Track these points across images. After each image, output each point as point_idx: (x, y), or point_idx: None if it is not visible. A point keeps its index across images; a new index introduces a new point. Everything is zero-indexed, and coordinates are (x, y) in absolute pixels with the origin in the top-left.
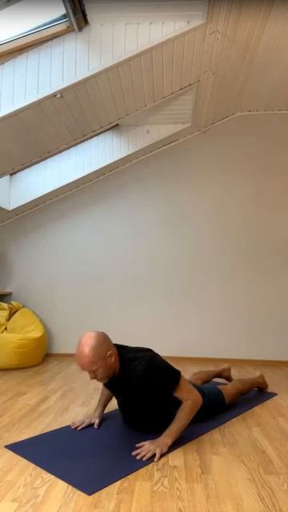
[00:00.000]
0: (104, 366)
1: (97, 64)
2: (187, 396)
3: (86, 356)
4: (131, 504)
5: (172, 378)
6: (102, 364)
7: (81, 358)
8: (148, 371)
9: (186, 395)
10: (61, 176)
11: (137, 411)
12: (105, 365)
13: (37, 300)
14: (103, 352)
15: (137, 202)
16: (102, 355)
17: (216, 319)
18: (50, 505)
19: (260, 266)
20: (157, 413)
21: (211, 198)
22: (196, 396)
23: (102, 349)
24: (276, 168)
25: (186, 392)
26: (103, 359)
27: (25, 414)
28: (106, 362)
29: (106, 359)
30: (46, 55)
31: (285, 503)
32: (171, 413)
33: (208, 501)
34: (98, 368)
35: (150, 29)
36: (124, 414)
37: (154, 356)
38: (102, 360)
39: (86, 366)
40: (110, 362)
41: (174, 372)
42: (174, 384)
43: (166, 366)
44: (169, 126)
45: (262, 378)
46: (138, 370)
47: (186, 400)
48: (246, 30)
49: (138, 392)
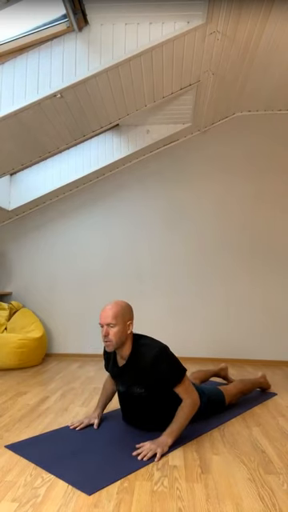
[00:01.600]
0: (121, 327)
1: (97, 64)
2: (188, 395)
3: (111, 308)
4: (131, 504)
5: (178, 372)
6: (121, 323)
7: (105, 311)
8: (158, 358)
9: (187, 394)
10: (61, 176)
11: (137, 405)
12: (122, 327)
13: (37, 300)
14: (126, 315)
15: (137, 202)
16: (125, 317)
17: (216, 319)
18: (50, 505)
19: (260, 265)
20: (156, 409)
21: (211, 198)
22: (196, 398)
23: (126, 312)
24: (276, 168)
25: (187, 391)
26: (123, 322)
27: (25, 414)
28: (125, 326)
29: (125, 323)
30: (45, 55)
31: (285, 503)
32: (170, 411)
33: (208, 501)
34: (116, 325)
35: (150, 29)
36: (124, 409)
37: (166, 347)
38: (122, 320)
39: (108, 317)
40: (126, 331)
41: (181, 367)
42: (179, 378)
43: (176, 360)
44: (169, 126)
45: (264, 378)
46: (149, 354)
47: (185, 399)
48: (245, 30)
49: (142, 378)
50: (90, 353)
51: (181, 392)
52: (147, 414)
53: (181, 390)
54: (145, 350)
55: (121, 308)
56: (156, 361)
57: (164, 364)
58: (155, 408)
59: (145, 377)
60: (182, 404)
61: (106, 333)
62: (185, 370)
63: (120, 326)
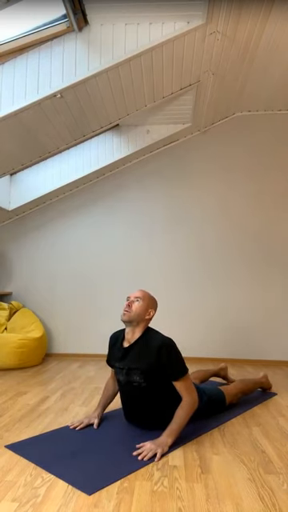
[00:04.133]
0: (144, 307)
1: (97, 64)
2: (188, 393)
3: (142, 290)
4: (131, 504)
5: (182, 366)
6: (144, 305)
7: (137, 290)
8: (164, 347)
9: (187, 392)
10: (61, 176)
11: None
12: (144, 308)
13: (37, 300)
14: (151, 304)
15: (137, 202)
16: (149, 303)
17: (216, 319)
18: (50, 505)
19: (261, 265)
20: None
21: (211, 198)
22: (196, 397)
23: (152, 300)
24: (276, 168)
25: (187, 389)
26: (147, 305)
27: (25, 414)
28: (146, 310)
29: (147, 308)
30: (46, 55)
31: (285, 503)
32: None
33: (208, 501)
34: (141, 302)
35: (150, 29)
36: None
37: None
38: (147, 303)
39: (138, 293)
40: (145, 313)
41: (184, 364)
42: (182, 373)
43: (181, 356)
44: (169, 126)
45: (265, 378)
46: (156, 342)
47: (185, 396)
48: (246, 30)
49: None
50: (90, 353)
51: (181, 388)
52: (147, 408)
53: (182, 386)
54: (153, 337)
55: (149, 295)
56: (162, 349)
57: (170, 354)
58: (154, 401)
59: (147, 361)
60: (182, 403)
61: (130, 303)
62: (187, 369)
63: (143, 306)
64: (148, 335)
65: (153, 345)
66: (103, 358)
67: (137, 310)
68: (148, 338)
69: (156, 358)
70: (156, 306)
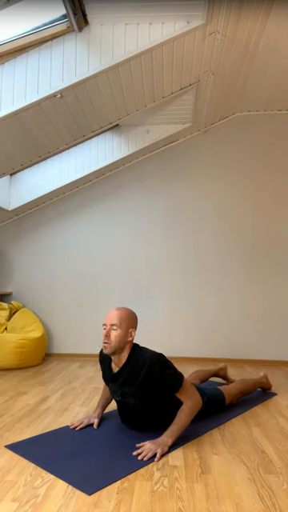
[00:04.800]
0: (123, 332)
1: (97, 64)
2: (189, 397)
3: (118, 311)
4: (131, 504)
5: (177, 377)
6: (123, 328)
7: (112, 312)
8: (155, 366)
9: (189, 397)
10: (61, 176)
11: (134, 415)
12: (124, 333)
13: (37, 300)
14: (130, 323)
15: (137, 202)
16: (129, 323)
17: (216, 319)
18: (50, 505)
19: (261, 265)
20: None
21: (211, 198)
22: (197, 398)
23: (131, 319)
24: (276, 168)
25: (188, 394)
26: (127, 327)
27: (25, 414)
28: (127, 332)
29: (128, 330)
30: (46, 55)
31: (285, 503)
32: (167, 419)
33: (208, 501)
34: (119, 328)
35: (150, 29)
36: (122, 417)
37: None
38: (126, 325)
39: (114, 318)
40: (127, 337)
41: (178, 373)
42: (179, 384)
43: (173, 367)
44: (169, 126)
45: (265, 378)
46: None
47: (187, 401)
48: (245, 30)
49: (135, 387)
50: (90, 353)
51: (183, 396)
52: (145, 424)
53: (183, 394)
54: (141, 357)
55: (127, 314)
56: (152, 368)
57: (162, 370)
58: (152, 416)
59: (139, 384)
60: (184, 405)
61: (107, 333)
62: (183, 376)
63: (122, 330)
64: (135, 356)
65: (142, 365)
66: None
67: (117, 339)
68: (136, 359)
69: (148, 378)
70: (136, 322)
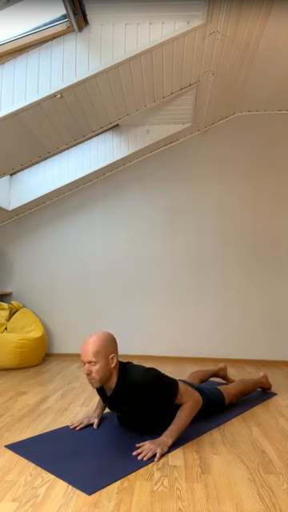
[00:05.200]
0: (103, 363)
1: (97, 64)
2: (188, 399)
3: (91, 344)
4: (131, 504)
5: (172, 388)
6: (102, 359)
7: (85, 346)
8: (149, 386)
9: (187, 398)
10: (61, 176)
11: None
12: (105, 363)
13: (37, 300)
14: (108, 349)
15: (137, 202)
16: (106, 351)
17: (216, 319)
18: (50, 504)
19: (261, 265)
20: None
21: (211, 198)
22: (196, 397)
23: (108, 345)
24: (276, 168)
25: (185, 397)
26: (105, 356)
27: (25, 414)
28: (107, 361)
29: (107, 358)
30: (46, 55)
31: (285, 503)
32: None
33: (208, 501)
34: (98, 362)
35: (150, 29)
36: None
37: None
38: (104, 356)
39: (88, 354)
40: (109, 365)
41: (171, 382)
42: (174, 393)
43: (164, 379)
44: (169, 126)
45: (265, 378)
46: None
47: (186, 402)
48: (245, 30)
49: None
50: None
51: (181, 400)
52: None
53: (181, 399)
54: (132, 378)
55: (102, 342)
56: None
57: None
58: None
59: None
60: (183, 406)
61: (88, 371)
62: (175, 382)
63: (102, 363)
64: (125, 379)
65: (135, 388)
66: None
67: (99, 373)
68: (127, 383)
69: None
70: (114, 344)
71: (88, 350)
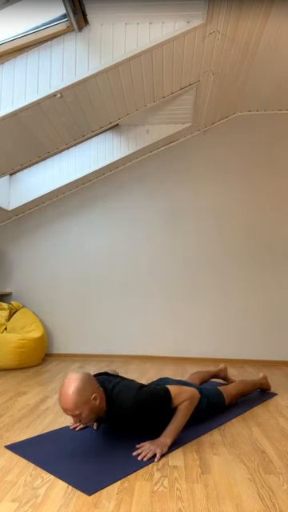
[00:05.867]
0: (88, 409)
1: (97, 64)
2: (183, 398)
3: (69, 399)
4: (131, 504)
5: (164, 398)
6: (86, 408)
7: (64, 401)
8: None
9: (182, 398)
10: (61, 176)
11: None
12: (89, 408)
13: (37, 300)
14: (87, 395)
15: (137, 202)
16: (86, 398)
17: (216, 319)
18: (50, 505)
19: (260, 265)
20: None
21: (211, 198)
22: (190, 393)
23: (86, 392)
24: (276, 168)
25: (180, 396)
26: (87, 403)
27: (25, 414)
28: (91, 405)
29: (90, 402)
30: (45, 55)
31: (285, 503)
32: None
33: (208, 501)
34: (82, 412)
35: (150, 29)
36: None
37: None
38: (86, 404)
39: (70, 410)
40: (95, 405)
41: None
42: (169, 402)
43: (154, 392)
44: (169, 126)
45: (265, 379)
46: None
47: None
48: (245, 29)
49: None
50: (91, 353)
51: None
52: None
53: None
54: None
55: (78, 392)
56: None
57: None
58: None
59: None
60: (180, 406)
61: (76, 421)
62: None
63: (87, 409)
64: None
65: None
66: (103, 358)
67: (88, 418)
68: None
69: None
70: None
71: (67, 404)
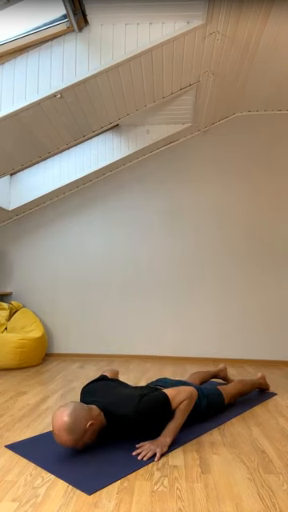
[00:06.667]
0: (88, 437)
1: (97, 64)
2: (181, 398)
3: (66, 441)
4: (131, 504)
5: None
6: (85, 437)
7: (62, 442)
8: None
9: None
10: (61, 176)
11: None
12: (88, 436)
13: (37, 300)
14: (82, 427)
15: (137, 202)
16: (82, 430)
17: (216, 319)
18: (50, 504)
19: (260, 266)
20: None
21: (211, 198)
22: (188, 392)
23: (80, 425)
24: (276, 168)
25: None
26: (84, 433)
27: (25, 414)
28: (89, 432)
29: (87, 431)
30: (46, 55)
31: (285, 503)
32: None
33: (208, 501)
34: (80, 440)
35: (150, 29)
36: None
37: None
38: (83, 435)
39: (68, 444)
40: (94, 429)
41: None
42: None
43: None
44: (169, 126)
45: (263, 379)
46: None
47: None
48: (245, 30)
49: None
50: (91, 353)
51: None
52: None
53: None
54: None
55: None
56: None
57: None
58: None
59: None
60: (179, 406)
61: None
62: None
63: (86, 439)
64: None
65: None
66: (103, 358)
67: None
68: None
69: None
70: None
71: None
